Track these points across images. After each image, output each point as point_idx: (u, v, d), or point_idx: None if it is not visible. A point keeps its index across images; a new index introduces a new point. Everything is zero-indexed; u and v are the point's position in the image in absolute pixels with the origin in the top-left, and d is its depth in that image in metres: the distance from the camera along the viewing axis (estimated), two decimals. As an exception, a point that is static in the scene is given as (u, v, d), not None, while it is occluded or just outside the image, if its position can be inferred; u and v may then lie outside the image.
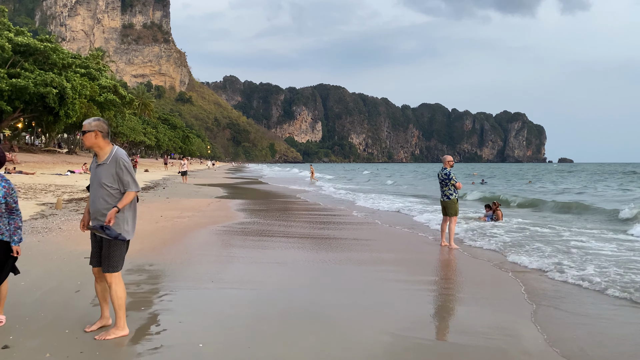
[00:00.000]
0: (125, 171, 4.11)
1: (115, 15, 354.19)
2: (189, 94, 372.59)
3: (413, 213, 15.97)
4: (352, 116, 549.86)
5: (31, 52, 45.10)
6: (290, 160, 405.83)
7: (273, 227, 11.94)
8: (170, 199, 18.89)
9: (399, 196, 24.93)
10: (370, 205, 19.05)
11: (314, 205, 18.63)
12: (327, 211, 16.52)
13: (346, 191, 27.76)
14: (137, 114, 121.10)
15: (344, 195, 24.86)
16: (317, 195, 25.00)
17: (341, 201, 21.12)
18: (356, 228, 12.16)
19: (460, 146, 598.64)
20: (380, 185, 41.63)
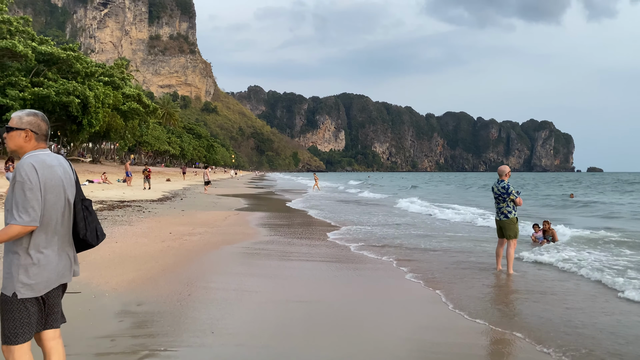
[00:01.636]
0: (18, 191, 2.65)
1: (143, 27, 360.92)
2: (214, 104, 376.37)
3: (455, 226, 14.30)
4: (375, 125, 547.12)
5: (54, 61, 44.92)
6: (314, 169, 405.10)
7: (295, 246, 10.47)
8: (185, 211, 17.62)
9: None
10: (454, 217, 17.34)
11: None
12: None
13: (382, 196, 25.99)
14: (162, 124, 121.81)
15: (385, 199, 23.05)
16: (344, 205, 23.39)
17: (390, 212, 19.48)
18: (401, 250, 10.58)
19: (486, 155, 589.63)
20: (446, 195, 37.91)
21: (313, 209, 21.61)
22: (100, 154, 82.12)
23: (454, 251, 10.21)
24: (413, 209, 21.73)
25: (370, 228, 14.26)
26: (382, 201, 28.73)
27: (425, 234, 13.16)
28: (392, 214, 19.80)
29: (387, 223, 15.86)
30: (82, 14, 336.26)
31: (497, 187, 8.30)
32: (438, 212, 19.85)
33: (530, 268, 8.61)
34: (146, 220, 13.99)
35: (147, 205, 19.09)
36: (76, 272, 3.02)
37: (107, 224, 12.50)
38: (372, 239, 11.86)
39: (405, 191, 47.37)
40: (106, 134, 65.42)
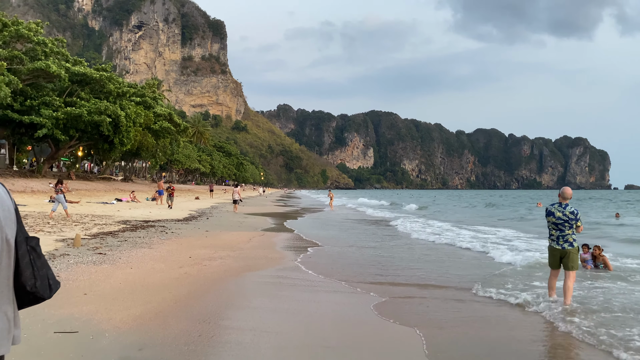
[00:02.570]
0: None
1: (176, 48, 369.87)
2: (244, 122, 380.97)
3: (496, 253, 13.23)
4: (404, 142, 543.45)
5: (87, 81, 45.72)
6: (342, 186, 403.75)
7: (325, 272, 9.66)
8: (209, 232, 17.03)
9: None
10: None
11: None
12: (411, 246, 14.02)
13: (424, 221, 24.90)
14: (193, 142, 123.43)
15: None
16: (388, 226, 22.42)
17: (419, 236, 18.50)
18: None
19: (518, 172, 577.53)
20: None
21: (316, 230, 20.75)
22: (132, 173, 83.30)
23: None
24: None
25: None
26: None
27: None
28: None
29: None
30: (118, 36, 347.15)
31: (562, 211, 7.31)
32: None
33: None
34: (167, 242, 13.42)
35: (171, 225, 18.61)
36: (16, 339, 2.15)
37: (126, 246, 11.96)
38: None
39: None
40: (137, 152, 66.28)
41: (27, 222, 15.29)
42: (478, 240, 16.25)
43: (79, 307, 6.16)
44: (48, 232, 13.53)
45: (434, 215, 35.17)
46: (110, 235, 14.02)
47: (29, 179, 37.53)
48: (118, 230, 15.30)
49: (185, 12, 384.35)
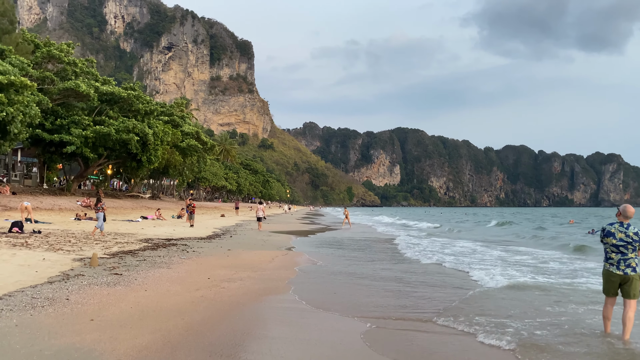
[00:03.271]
0: None
1: (205, 68, 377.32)
2: (271, 140, 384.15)
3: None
4: (431, 159, 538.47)
5: (116, 100, 46.45)
6: (368, 203, 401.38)
7: (354, 298, 9.01)
8: (231, 251, 16.56)
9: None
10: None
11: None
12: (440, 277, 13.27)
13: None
14: (220, 160, 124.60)
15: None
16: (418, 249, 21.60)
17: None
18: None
19: (549, 190, 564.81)
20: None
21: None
22: (159, 190, 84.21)
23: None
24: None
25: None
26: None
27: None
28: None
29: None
30: (148, 57, 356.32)
31: (625, 232, 6.47)
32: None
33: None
34: (187, 262, 12.98)
35: (193, 244, 18.23)
36: None
37: (144, 266, 11.55)
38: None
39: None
40: (165, 170, 66.97)
41: (48, 241, 15.12)
42: (468, 261, 15.38)
43: (82, 336, 5.68)
44: (67, 251, 13.26)
45: (458, 235, 34.16)
46: (130, 254, 13.67)
47: (58, 197, 37.99)
48: (139, 249, 14.97)
49: (214, 33, 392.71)
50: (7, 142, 30.05)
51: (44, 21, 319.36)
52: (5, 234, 16.13)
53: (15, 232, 16.41)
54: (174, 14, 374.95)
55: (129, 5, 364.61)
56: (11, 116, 26.81)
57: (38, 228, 18.51)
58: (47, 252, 12.50)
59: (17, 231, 16.52)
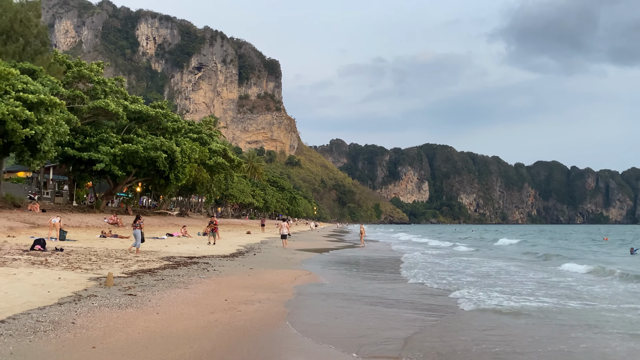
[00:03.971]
0: None
1: (233, 87, 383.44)
2: (298, 157, 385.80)
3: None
4: (460, 175, 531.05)
5: (144, 118, 47.02)
6: (396, 221, 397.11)
7: (385, 331, 8.34)
8: (253, 269, 16.06)
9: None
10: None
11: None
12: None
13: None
14: (247, 177, 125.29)
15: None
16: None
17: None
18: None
19: (583, 206, 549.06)
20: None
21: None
22: (187, 208, 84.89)
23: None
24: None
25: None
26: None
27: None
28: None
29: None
30: (179, 77, 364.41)
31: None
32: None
33: None
34: (206, 281, 12.51)
35: (215, 262, 17.81)
36: None
37: (161, 286, 11.12)
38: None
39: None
40: (193, 187, 67.41)
41: (68, 259, 14.91)
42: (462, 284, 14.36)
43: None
44: (85, 269, 12.97)
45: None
46: (149, 273, 13.29)
47: (86, 214, 38.35)
48: (158, 268, 14.61)
49: (242, 53, 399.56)
50: (38, 159, 30.52)
51: (80, 44, 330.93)
52: (27, 251, 16.02)
53: (37, 250, 16.30)
54: (204, 34, 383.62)
55: (160, 27, 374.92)
56: (41, 134, 27.19)
57: (60, 246, 18.41)
58: (64, 271, 12.23)
59: (39, 249, 16.41)
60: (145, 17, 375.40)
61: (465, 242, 49.50)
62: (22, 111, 24.77)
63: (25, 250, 16.19)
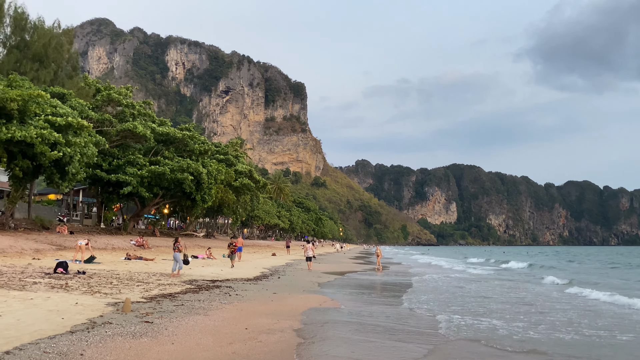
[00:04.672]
0: None
1: (260, 110, 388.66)
2: (323, 178, 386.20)
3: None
4: (489, 196, 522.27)
5: (172, 141, 47.46)
6: (424, 242, 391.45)
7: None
8: (277, 294, 15.49)
9: None
10: None
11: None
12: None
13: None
14: (273, 198, 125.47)
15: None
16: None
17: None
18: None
19: (617, 227, 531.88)
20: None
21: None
22: (214, 229, 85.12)
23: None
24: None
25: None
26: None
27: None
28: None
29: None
30: (207, 101, 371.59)
31: None
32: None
33: None
34: (227, 307, 12.00)
35: (238, 285, 17.32)
36: None
37: (180, 312, 10.66)
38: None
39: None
40: (219, 209, 67.57)
41: (89, 282, 14.63)
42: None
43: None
44: (105, 294, 12.62)
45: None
46: (169, 297, 12.87)
47: (113, 236, 38.53)
48: (180, 292, 14.19)
49: (269, 76, 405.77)
50: (66, 182, 30.80)
51: (111, 70, 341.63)
52: (50, 274, 15.84)
53: (59, 273, 16.11)
54: (231, 59, 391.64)
55: (189, 52, 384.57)
56: (69, 157, 27.46)
57: (83, 268, 18.23)
58: (82, 296, 11.90)
59: (61, 272, 16.22)
60: (175, 43, 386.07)
61: (472, 265, 47.63)
62: (50, 134, 25.06)
63: (48, 273, 16.01)
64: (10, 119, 24.95)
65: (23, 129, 24.30)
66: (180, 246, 20.13)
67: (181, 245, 20.40)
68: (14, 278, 14.16)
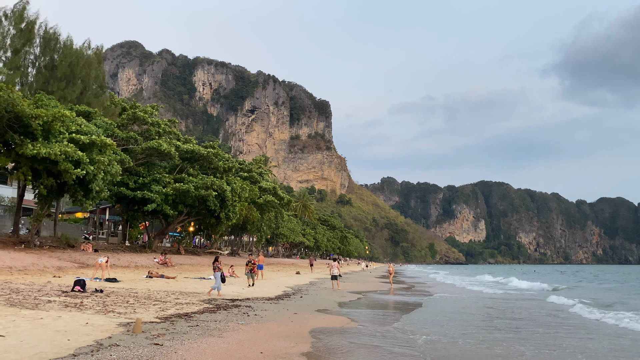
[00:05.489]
0: None
1: (285, 128, 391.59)
2: (349, 196, 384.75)
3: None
4: (519, 213, 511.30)
5: (196, 158, 47.61)
6: (452, 261, 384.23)
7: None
8: (298, 315, 14.80)
9: None
10: None
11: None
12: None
13: None
14: (298, 216, 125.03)
15: None
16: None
17: None
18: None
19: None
20: None
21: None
22: (239, 247, 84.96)
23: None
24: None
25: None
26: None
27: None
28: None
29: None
30: (233, 120, 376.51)
31: None
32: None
33: None
34: (244, 328, 11.37)
35: (258, 305, 16.69)
36: None
37: (194, 334, 10.08)
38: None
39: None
40: (244, 226, 67.37)
41: (105, 301, 14.23)
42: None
43: None
44: (119, 313, 12.16)
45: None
46: (185, 317, 12.32)
47: (137, 254, 38.48)
48: (197, 312, 13.64)
49: (294, 95, 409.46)
50: (90, 199, 30.89)
51: (140, 91, 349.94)
52: (67, 292, 15.52)
53: (76, 291, 15.78)
54: (257, 79, 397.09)
55: (216, 72, 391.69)
56: (92, 174, 27.53)
57: (101, 287, 17.90)
58: (95, 315, 11.45)
59: (78, 290, 15.90)
60: (202, 63, 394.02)
61: (481, 285, 45.48)
62: (74, 152, 25.15)
63: (64, 292, 15.70)
64: (35, 137, 25.17)
65: (47, 147, 24.44)
66: (220, 265, 19.93)
67: (221, 264, 20.26)
68: (29, 296, 13.86)
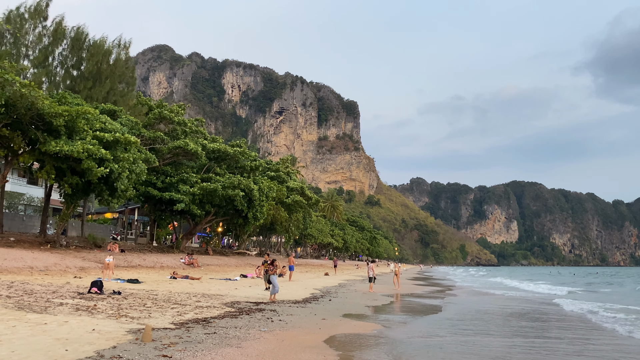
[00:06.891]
0: None
1: (313, 129, 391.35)
2: (377, 197, 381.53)
3: None
4: (552, 214, 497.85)
5: (223, 157, 47.01)
6: (484, 262, 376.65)
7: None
8: (326, 320, 13.62)
9: None
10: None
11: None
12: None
13: None
14: (327, 216, 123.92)
15: None
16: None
17: None
18: None
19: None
20: None
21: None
22: (267, 247, 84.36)
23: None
24: None
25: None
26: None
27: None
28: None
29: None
30: (262, 122, 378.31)
31: None
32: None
33: None
34: (266, 336, 10.25)
35: (284, 309, 15.58)
36: None
37: (210, 342, 9.02)
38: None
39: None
40: (272, 227, 66.65)
41: (120, 304, 13.34)
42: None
43: None
44: (132, 318, 11.21)
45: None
46: (202, 323, 11.28)
47: (164, 255, 37.96)
48: (217, 316, 12.61)
49: (321, 96, 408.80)
50: (115, 198, 30.42)
51: (171, 94, 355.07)
52: (83, 294, 14.74)
53: (93, 293, 14.99)
54: (285, 80, 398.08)
55: (245, 75, 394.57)
56: (117, 173, 26.98)
57: (119, 288, 17.10)
58: (105, 320, 10.52)
59: (95, 291, 15.11)
60: (231, 66, 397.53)
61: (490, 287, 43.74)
62: (97, 149, 24.59)
63: (81, 293, 14.92)
64: (58, 134, 24.73)
65: (70, 144, 23.95)
66: (274, 269, 19.08)
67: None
68: (41, 299, 13.08)
